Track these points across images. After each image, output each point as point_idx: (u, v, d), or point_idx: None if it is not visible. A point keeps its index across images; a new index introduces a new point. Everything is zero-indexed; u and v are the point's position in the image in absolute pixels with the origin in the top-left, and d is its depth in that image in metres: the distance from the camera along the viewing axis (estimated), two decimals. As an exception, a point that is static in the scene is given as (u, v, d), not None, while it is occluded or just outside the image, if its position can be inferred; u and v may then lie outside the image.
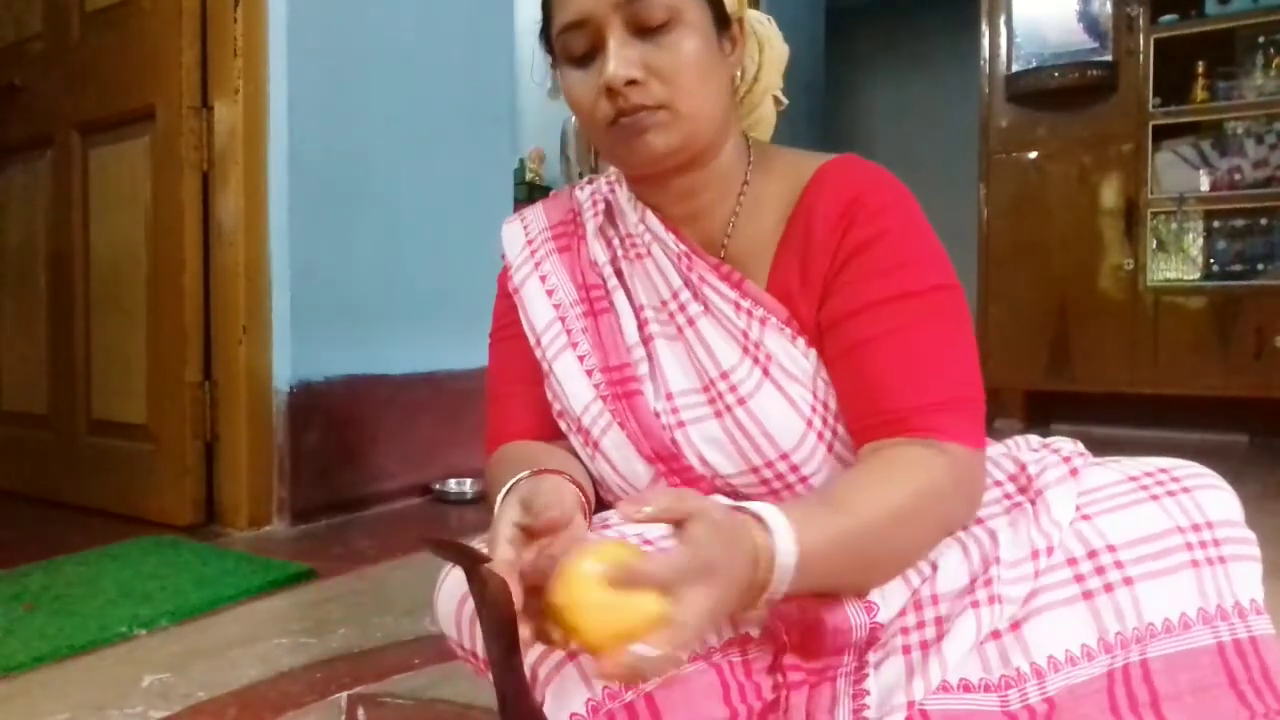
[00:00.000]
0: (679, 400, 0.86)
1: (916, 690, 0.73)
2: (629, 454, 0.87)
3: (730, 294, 0.85)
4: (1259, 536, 0.77)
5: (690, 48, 0.77)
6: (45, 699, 1.13)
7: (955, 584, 0.76)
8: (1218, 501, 0.77)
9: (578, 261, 0.93)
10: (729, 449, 0.85)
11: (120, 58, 2.09)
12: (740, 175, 0.88)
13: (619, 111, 0.78)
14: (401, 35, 2.19)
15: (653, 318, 0.89)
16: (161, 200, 2.02)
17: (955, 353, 0.79)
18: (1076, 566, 0.76)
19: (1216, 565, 0.75)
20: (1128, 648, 0.74)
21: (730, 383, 0.84)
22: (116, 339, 2.15)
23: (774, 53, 0.92)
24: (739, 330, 0.84)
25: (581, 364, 0.89)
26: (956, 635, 0.75)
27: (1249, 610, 0.74)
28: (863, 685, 0.74)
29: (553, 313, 0.91)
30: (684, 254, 0.86)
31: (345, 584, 1.59)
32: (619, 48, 0.76)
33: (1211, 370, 3.06)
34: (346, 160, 2.08)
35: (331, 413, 2.04)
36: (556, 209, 0.97)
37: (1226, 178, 3.14)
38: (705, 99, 0.80)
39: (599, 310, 0.90)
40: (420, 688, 1.12)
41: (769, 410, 0.83)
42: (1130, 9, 3.18)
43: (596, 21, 0.77)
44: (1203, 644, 0.74)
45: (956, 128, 4.58)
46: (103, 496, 2.16)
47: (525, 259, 0.94)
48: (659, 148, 0.79)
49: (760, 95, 0.93)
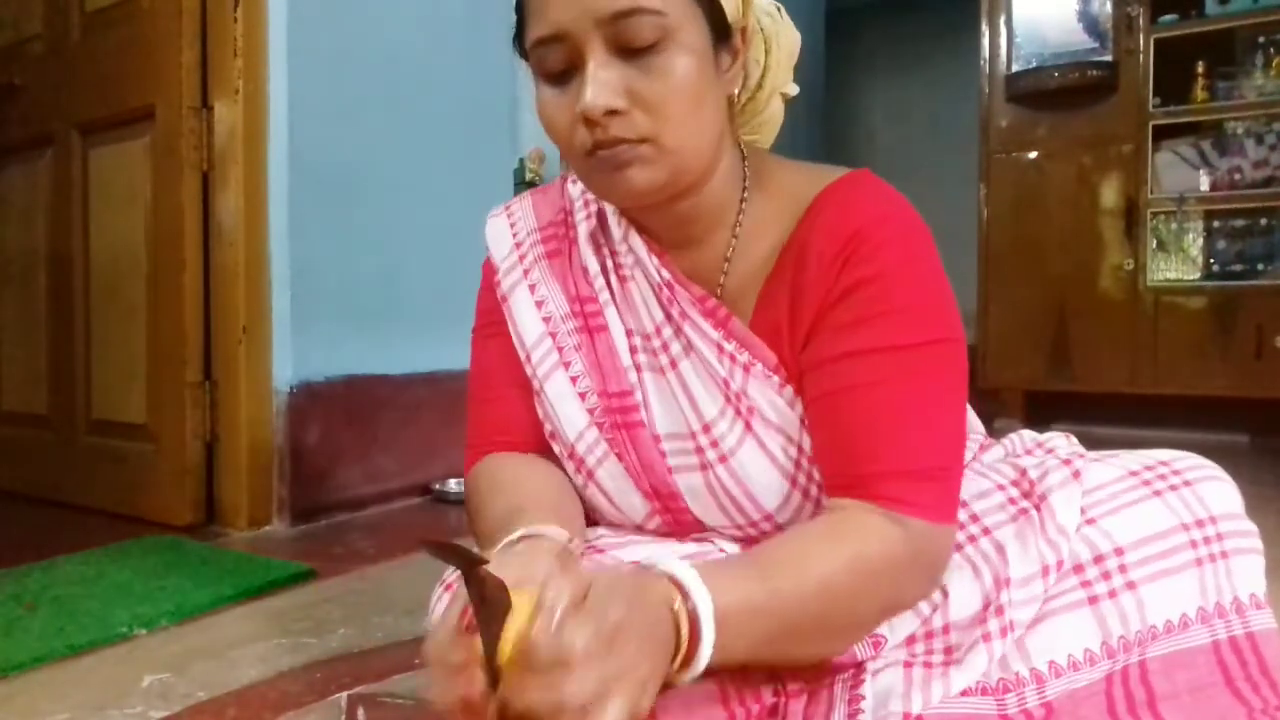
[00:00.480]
0: (666, 444, 0.81)
1: (915, 704, 0.72)
2: (626, 487, 0.82)
3: (713, 334, 0.78)
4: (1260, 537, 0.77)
5: (681, 72, 0.68)
6: (45, 699, 1.13)
7: (968, 610, 0.74)
8: (1219, 494, 0.76)
9: (569, 269, 0.85)
10: (711, 505, 0.81)
11: (120, 58, 2.09)
12: (736, 198, 0.80)
13: (597, 143, 0.69)
14: (401, 35, 2.19)
15: (641, 346, 0.82)
16: (161, 200, 2.02)
17: (935, 416, 0.72)
18: (1083, 573, 0.74)
19: (1219, 561, 0.74)
20: (1130, 651, 0.73)
21: (712, 436, 0.78)
22: (116, 339, 2.15)
23: (783, 50, 0.83)
24: (721, 378, 0.78)
25: (574, 385, 0.82)
26: (967, 666, 0.73)
27: (1248, 606, 0.74)
28: (859, 690, 0.73)
29: (542, 327, 0.84)
30: (666, 283, 0.79)
31: (345, 584, 1.59)
32: (599, 70, 0.67)
33: (1211, 370, 3.06)
34: (346, 160, 2.08)
35: (331, 413, 2.04)
36: (546, 206, 0.89)
37: (1226, 178, 3.14)
38: (695, 130, 0.71)
39: (594, 327, 0.83)
40: (420, 688, 1.12)
41: (751, 469, 0.78)
42: (1130, 9, 3.18)
43: (575, 38, 0.67)
44: (1199, 643, 0.73)
45: (956, 128, 4.58)
46: (103, 496, 2.16)
47: (513, 264, 0.87)
48: (640, 185, 0.71)
49: (765, 100, 0.85)
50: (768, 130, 0.89)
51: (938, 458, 0.71)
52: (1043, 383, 3.34)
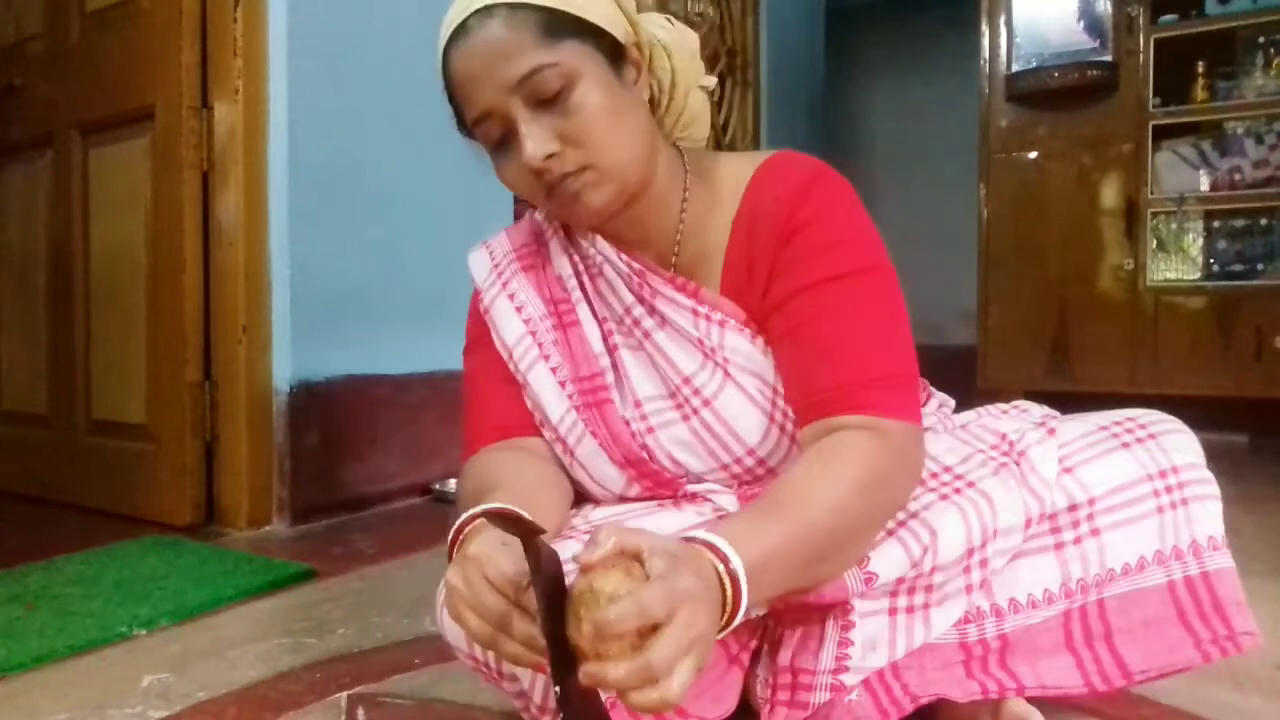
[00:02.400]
0: (647, 406, 0.90)
1: (899, 648, 0.81)
2: (601, 461, 0.90)
3: (687, 303, 0.87)
4: (1258, 537, 0.79)
5: (593, 103, 0.78)
6: (45, 699, 1.13)
7: (954, 553, 0.80)
8: (1181, 445, 0.85)
9: (544, 278, 0.95)
10: (698, 449, 0.89)
11: (120, 58, 2.09)
12: (679, 191, 0.90)
13: (549, 186, 0.80)
14: (401, 35, 2.19)
15: (615, 329, 0.92)
16: (161, 200, 2.02)
17: (889, 330, 0.81)
18: (1056, 520, 0.83)
19: (1179, 508, 0.82)
20: (1087, 592, 0.82)
21: (694, 387, 0.88)
22: (116, 339, 2.15)
23: (683, 50, 0.92)
24: (696, 339, 0.87)
25: (554, 376, 0.91)
26: (946, 611, 0.82)
27: (1205, 547, 0.82)
28: (849, 634, 0.81)
29: (523, 327, 0.93)
30: (636, 272, 0.88)
31: (345, 584, 1.59)
32: (528, 127, 0.78)
33: (1211, 370, 3.06)
34: (346, 160, 2.08)
35: (331, 413, 2.04)
36: (519, 233, 1.00)
37: (1226, 178, 3.14)
38: (623, 144, 0.81)
39: (567, 324, 0.93)
40: (420, 688, 1.12)
41: (733, 409, 0.87)
42: (1130, 9, 3.18)
43: (500, 109, 0.79)
44: (1155, 583, 0.82)
45: (956, 128, 4.58)
46: (103, 496, 2.16)
47: (493, 281, 0.97)
48: (596, 204, 0.81)
49: (684, 96, 0.94)
50: (699, 125, 0.97)
51: (896, 365, 0.80)
52: (1043, 383, 3.34)
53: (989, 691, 0.81)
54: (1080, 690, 0.81)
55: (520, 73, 0.77)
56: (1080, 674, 0.81)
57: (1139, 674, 0.81)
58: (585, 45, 0.79)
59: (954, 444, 0.90)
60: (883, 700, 0.81)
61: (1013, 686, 0.82)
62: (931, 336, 4.54)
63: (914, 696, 0.81)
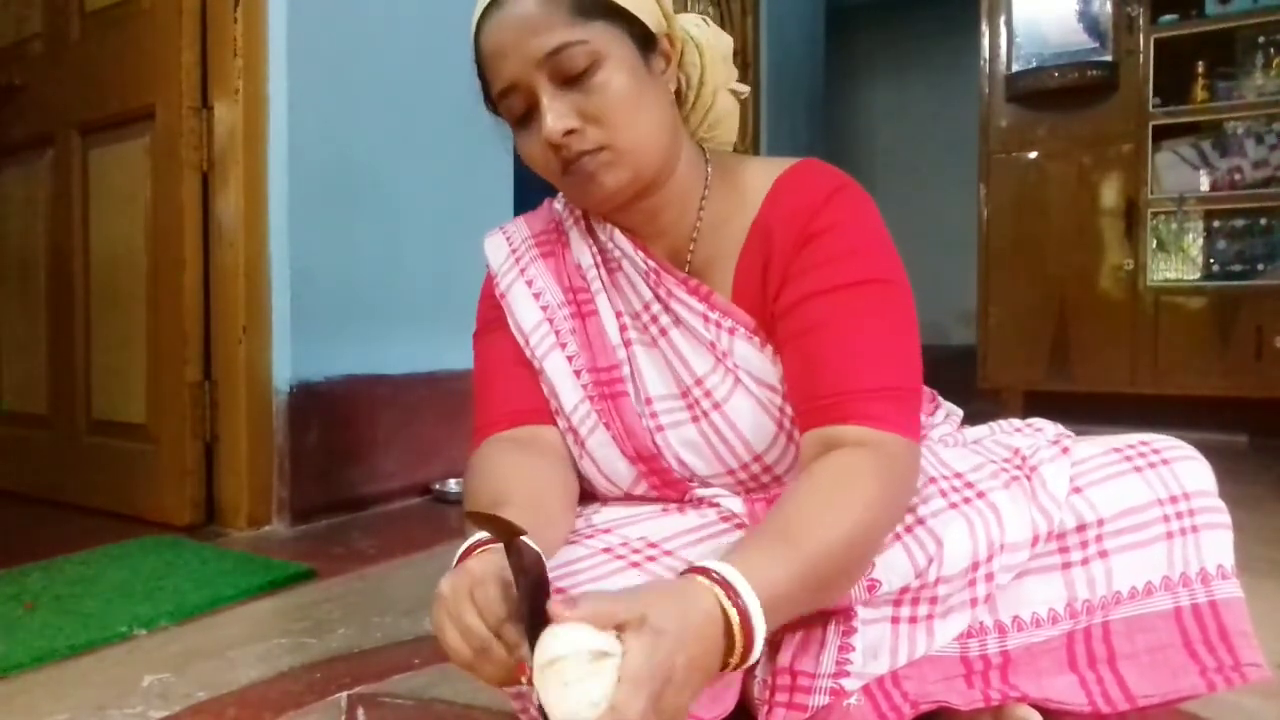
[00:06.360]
0: (658, 405, 0.90)
1: (901, 657, 0.81)
2: (612, 454, 0.90)
3: (699, 307, 0.88)
4: (1258, 537, 0.79)
5: (617, 85, 0.79)
6: (45, 699, 1.13)
7: (960, 564, 0.80)
8: (1193, 473, 0.84)
9: (563, 266, 0.95)
10: (705, 452, 0.89)
11: (120, 58, 2.09)
12: (699, 189, 0.90)
13: (565, 162, 0.81)
14: (401, 35, 2.19)
15: (631, 324, 0.92)
16: (161, 200, 2.02)
17: (896, 343, 0.80)
18: (1064, 540, 0.82)
19: (1189, 535, 0.81)
20: (1092, 614, 0.82)
21: (705, 388, 0.88)
22: (116, 339, 2.15)
23: (715, 51, 0.92)
24: (708, 342, 0.88)
25: (570, 364, 0.91)
26: (950, 623, 0.82)
27: (1214, 576, 0.81)
28: (850, 640, 0.81)
29: (540, 314, 0.92)
30: (652, 270, 0.89)
31: (345, 584, 1.59)
32: (551, 102, 0.79)
33: (1211, 370, 3.06)
34: (346, 160, 2.08)
35: (331, 413, 2.04)
36: (537, 220, 0.99)
37: (1226, 178, 3.14)
38: (644, 129, 0.81)
39: (585, 313, 0.92)
40: (420, 688, 1.12)
41: (742, 414, 0.87)
42: (1130, 9, 3.18)
43: (525, 83, 0.79)
44: (1161, 608, 0.81)
45: (956, 128, 4.58)
46: (103, 496, 2.16)
47: (510, 265, 0.96)
48: (610, 186, 0.82)
49: (710, 95, 0.94)
50: (726, 126, 0.97)
51: (900, 379, 0.79)
52: (1042, 383, 3.35)
53: (991, 700, 0.81)
54: (1084, 709, 0.80)
55: (548, 48, 0.77)
56: (1085, 693, 0.80)
57: (1143, 698, 0.80)
58: (616, 28, 0.80)
59: (965, 453, 0.90)
60: (882, 706, 0.81)
61: (1016, 695, 0.81)
62: (931, 336, 4.53)
63: (914, 703, 0.81)
